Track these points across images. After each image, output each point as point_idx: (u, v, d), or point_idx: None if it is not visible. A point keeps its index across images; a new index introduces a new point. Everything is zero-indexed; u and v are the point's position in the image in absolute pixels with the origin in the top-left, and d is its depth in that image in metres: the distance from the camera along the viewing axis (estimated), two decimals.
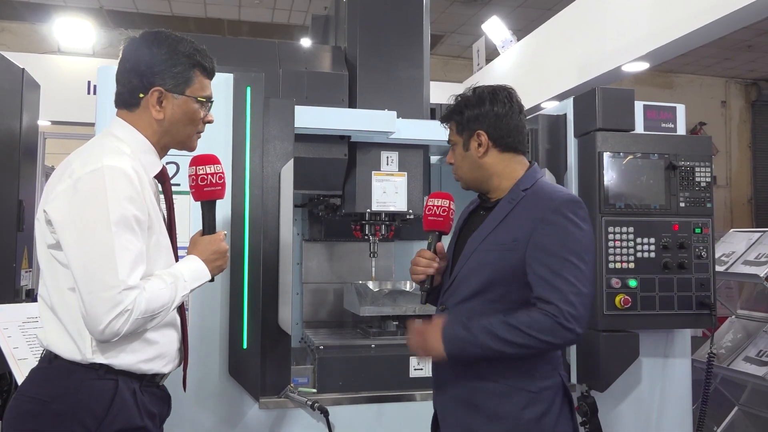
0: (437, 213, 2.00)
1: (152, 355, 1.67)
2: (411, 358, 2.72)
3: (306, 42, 4.60)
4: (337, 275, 3.53)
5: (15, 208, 3.39)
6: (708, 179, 2.78)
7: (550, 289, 1.72)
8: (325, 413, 2.49)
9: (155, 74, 1.69)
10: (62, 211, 1.56)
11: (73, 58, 8.56)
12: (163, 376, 1.75)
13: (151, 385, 1.70)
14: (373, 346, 2.83)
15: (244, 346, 2.43)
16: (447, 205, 2.00)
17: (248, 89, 2.51)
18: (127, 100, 1.73)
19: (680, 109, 3.02)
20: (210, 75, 1.80)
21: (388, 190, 2.94)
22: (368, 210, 2.92)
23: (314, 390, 2.63)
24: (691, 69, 12.24)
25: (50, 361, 1.62)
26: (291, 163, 2.58)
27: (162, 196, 1.83)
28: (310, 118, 2.69)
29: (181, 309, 1.81)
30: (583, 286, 1.73)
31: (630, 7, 5.79)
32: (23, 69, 3.54)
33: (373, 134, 2.82)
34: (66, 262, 1.56)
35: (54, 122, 7.72)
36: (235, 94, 2.49)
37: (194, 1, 9.79)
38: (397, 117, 2.80)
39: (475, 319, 1.79)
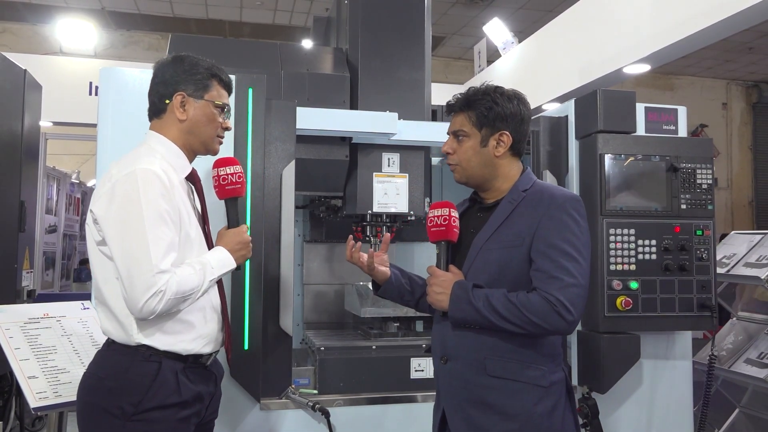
0: (438, 223, 1.97)
1: (192, 336, 1.89)
2: (412, 359, 2.73)
3: (307, 43, 4.61)
4: (338, 276, 3.54)
5: (17, 208, 3.40)
6: (709, 181, 2.78)
7: (549, 280, 1.77)
8: (326, 414, 2.49)
9: (178, 82, 1.95)
10: (104, 210, 1.81)
11: (75, 59, 8.57)
12: (207, 357, 1.95)
13: (196, 365, 1.91)
14: (374, 347, 2.83)
15: (246, 347, 2.43)
16: (447, 213, 1.96)
17: (250, 90, 2.52)
18: (157, 108, 1.98)
19: (681, 111, 3.02)
20: (227, 87, 2.04)
21: (390, 192, 2.94)
22: (369, 211, 2.92)
23: (315, 391, 2.64)
24: (692, 71, 12.25)
25: (108, 345, 1.89)
26: (292, 164, 2.58)
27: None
28: (312, 119, 2.70)
29: (222, 294, 2.02)
30: (581, 278, 1.79)
31: (631, 9, 5.80)
32: (25, 70, 3.55)
33: (375, 136, 2.82)
34: (110, 254, 1.80)
35: (55, 123, 7.74)
36: (237, 95, 2.49)
37: (196, 2, 9.80)
38: (399, 118, 2.80)
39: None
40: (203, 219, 2.02)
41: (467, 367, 1.87)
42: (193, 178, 2.01)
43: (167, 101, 1.95)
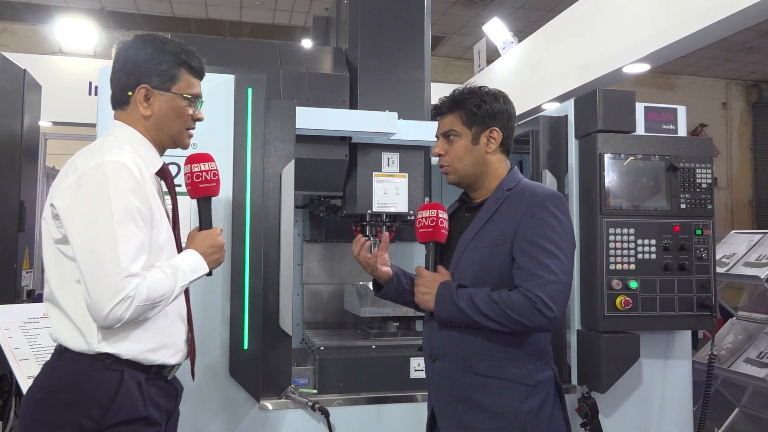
0: (426, 224, 1.99)
1: (157, 344, 1.71)
2: (411, 359, 2.73)
3: (307, 43, 4.61)
4: (338, 276, 3.54)
5: (16, 208, 3.40)
6: (709, 181, 2.78)
7: (530, 277, 1.79)
8: (326, 414, 2.49)
9: (141, 72, 1.75)
10: (68, 205, 1.61)
11: (75, 59, 8.56)
12: (170, 368, 1.78)
13: (158, 377, 1.73)
14: (373, 347, 2.83)
15: (245, 347, 2.43)
16: (435, 215, 1.98)
17: (249, 90, 2.51)
18: (119, 99, 1.79)
19: (681, 111, 3.03)
20: (198, 74, 1.85)
21: (389, 192, 2.94)
22: (369, 211, 2.92)
23: (315, 391, 2.64)
24: (692, 70, 12.26)
25: (60, 353, 1.67)
26: (292, 164, 2.58)
27: (165, 193, 1.88)
28: (311, 119, 2.70)
29: (188, 301, 1.86)
30: (562, 275, 1.80)
31: (631, 8, 5.80)
32: (25, 70, 3.55)
33: (374, 135, 2.82)
34: (72, 254, 1.61)
35: (55, 123, 7.73)
36: (237, 95, 2.50)
37: (195, 2, 9.80)
38: (398, 118, 2.80)
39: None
40: (174, 219, 1.85)
41: (454, 365, 1.91)
42: (164, 174, 1.84)
43: (129, 93, 1.75)
